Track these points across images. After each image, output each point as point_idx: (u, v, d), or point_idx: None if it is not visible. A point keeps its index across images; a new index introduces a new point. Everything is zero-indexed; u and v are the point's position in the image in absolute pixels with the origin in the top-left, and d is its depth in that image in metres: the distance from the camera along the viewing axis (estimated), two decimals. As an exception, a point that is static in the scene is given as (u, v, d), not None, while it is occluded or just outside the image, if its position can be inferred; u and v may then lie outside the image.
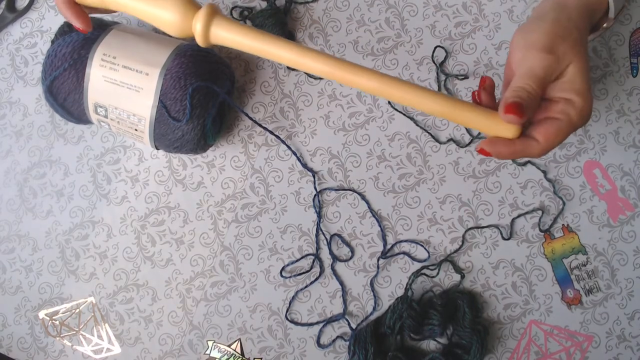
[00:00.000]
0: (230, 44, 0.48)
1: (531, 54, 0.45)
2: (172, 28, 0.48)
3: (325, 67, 0.46)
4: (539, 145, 0.45)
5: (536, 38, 0.45)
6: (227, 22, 0.47)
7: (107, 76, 0.54)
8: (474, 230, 0.62)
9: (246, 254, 0.63)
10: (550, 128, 0.44)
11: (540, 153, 0.45)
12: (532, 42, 0.45)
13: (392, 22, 0.63)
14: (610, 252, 0.62)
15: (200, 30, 0.47)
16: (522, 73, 0.44)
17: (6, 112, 0.65)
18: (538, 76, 0.44)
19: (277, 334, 0.63)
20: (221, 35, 0.47)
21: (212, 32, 0.47)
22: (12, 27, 0.66)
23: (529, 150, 0.45)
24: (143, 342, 0.63)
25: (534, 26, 0.46)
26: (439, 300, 0.59)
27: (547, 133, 0.44)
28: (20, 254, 0.64)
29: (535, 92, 0.44)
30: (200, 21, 0.47)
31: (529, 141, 0.45)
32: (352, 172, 0.63)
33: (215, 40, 0.48)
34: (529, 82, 0.44)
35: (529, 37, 0.46)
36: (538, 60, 0.44)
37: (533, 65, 0.44)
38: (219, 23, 0.47)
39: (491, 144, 0.45)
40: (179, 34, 0.48)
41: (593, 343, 0.62)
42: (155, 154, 0.64)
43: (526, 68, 0.44)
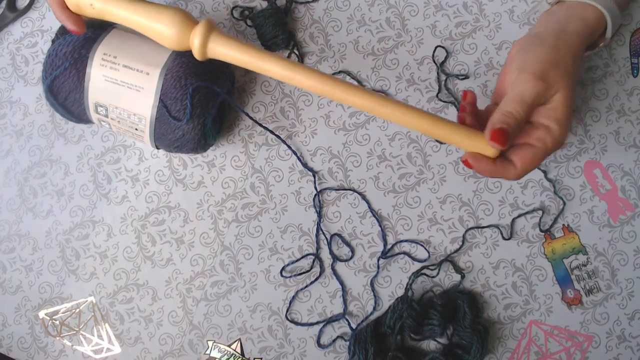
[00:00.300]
0: (226, 59, 0.49)
1: (524, 77, 0.46)
2: (170, 42, 0.49)
3: (317, 84, 0.48)
4: (516, 171, 0.47)
5: (532, 63, 0.47)
6: (223, 38, 0.49)
7: (107, 76, 0.54)
8: (474, 230, 0.62)
9: (246, 254, 0.63)
10: (527, 154, 0.47)
11: (515, 177, 0.48)
12: (528, 66, 0.47)
13: (392, 21, 0.63)
14: (610, 252, 0.62)
15: (197, 46, 0.49)
16: (512, 96, 0.46)
17: (7, 111, 0.65)
18: (526, 102, 0.46)
19: (277, 334, 0.63)
20: (218, 50, 0.49)
21: (209, 48, 0.49)
22: (13, 27, 0.66)
23: (506, 173, 0.47)
24: (143, 342, 0.63)
25: (533, 48, 0.48)
26: (439, 300, 0.59)
27: (524, 159, 0.47)
28: (20, 253, 0.64)
29: (522, 118, 0.46)
30: (198, 37, 0.48)
31: (507, 164, 0.47)
32: (352, 171, 0.63)
33: (212, 55, 0.50)
34: (517, 108, 0.45)
35: (526, 59, 0.47)
36: (529, 86, 0.46)
37: (524, 91, 0.46)
38: (216, 39, 0.49)
39: (475, 160, 0.47)
40: (176, 47, 0.50)
41: (593, 343, 0.62)
42: (156, 153, 0.64)
43: (517, 92, 0.46)
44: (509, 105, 0.46)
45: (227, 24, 0.64)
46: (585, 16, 0.50)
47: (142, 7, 0.49)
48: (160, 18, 0.49)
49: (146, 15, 0.49)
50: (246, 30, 0.64)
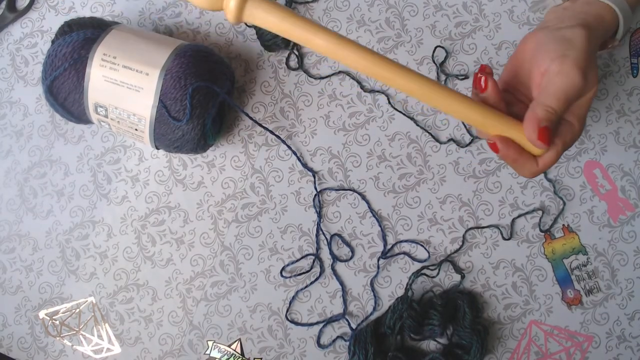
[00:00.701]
0: (263, 24, 0.44)
1: (568, 71, 0.43)
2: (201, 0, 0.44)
3: (364, 62, 0.44)
4: (537, 168, 0.46)
5: (576, 56, 0.44)
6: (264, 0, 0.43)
7: (107, 76, 0.54)
8: (474, 230, 0.62)
9: (246, 254, 0.63)
10: (550, 155, 0.45)
11: (534, 174, 0.47)
12: (573, 58, 0.44)
13: (392, 22, 0.63)
14: (610, 253, 0.62)
15: (233, 7, 0.43)
16: (555, 91, 0.44)
17: (6, 111, 0.65)
18: (569, 100, 0.44)
19: (277, 334, 0.63)
20: (256, 14, 0.43)
21: (246, 10, 0.43)
22: (13, 27, 0.66)
23: (527, 166, 0.46)
24: (143, 342, 0.63)
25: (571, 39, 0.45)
26: (439, 300, 0.59)
27: (545, 157, 0.46)
28: (20, 253, 0.64)
29: (561, 116, 0.44)
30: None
31: (530, 158, 0.46)
32: (352, 172, 0.63)
33: (249, 18, 0.44)
34: (560, 106, 0.43)
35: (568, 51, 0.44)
36: (574, 82, 0.43)
37: (568, 87, 0.43)
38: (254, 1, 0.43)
39: (505, 144, 0.45)
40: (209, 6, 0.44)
41: (593, 343, 0.62)
42: (156, 153, 0.64)
43: (561, 87, 0.43)
44: (552, 100, 0.43)
45: (226, 24, 0.64)
46: (602, 15, 0.48)
47: None
48: None
49: None
50: (246, 31, 0.64)
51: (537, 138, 0.43)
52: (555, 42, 0.45)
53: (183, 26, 0.64)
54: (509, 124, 0.45)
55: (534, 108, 0.44)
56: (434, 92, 0.44)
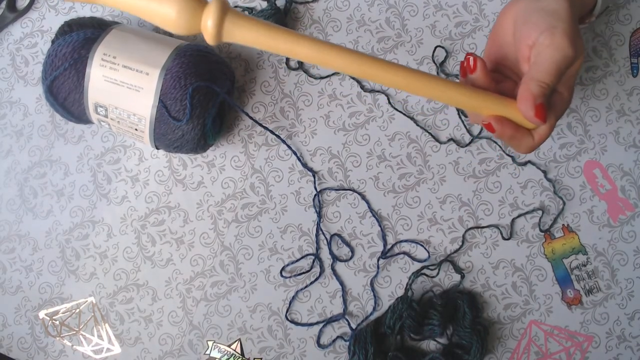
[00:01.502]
0: (243, 42, 0.44)
1: (559, 42, 0.43)
2: (178, 26, 0.43)
3: (350, 63, 0.43)
4: (533, 142, 0.46)
5: (564, 27, 0.43)
6: (240, 17, 0.43)
7: (107, 76, 0.54)
8: (474, 230, 0.62)
9: (246, 254, 0.63)
10: (544, 127, 0.45)
11: (532, 148, 0.46)
12: (562, 29, 0.43)
13: (392, 22, 0.63)
14: (610, 252, 0.62)
15: (212, 28, 0.42)
16: (547, 65, 0.43)
17: (6, 111, 0.65)
18: (561, 72, 0.43)
19: (277, 334, 0.63)
20: (235, 32, 0.43)
21: (225, 29, 0.43)
22: (13, 27, 0.66)
23: (524, 142, 0.46)
24: (143, 342, 0.63)
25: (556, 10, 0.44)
26: (439, 300, 0.59)
27: (541, 130, 0.45)
28: (20, 253, 0.64)
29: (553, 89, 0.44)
30: (212, 17, 0.42)
31: (526, 133, 0.45)
32: (352, 172, 0.63)
33: (228, 37, 0.44)
34: (552, 79, 0.43)
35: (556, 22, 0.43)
36: (565, 54, 0.43)
37: (560, 59, 0.43)
38: (232, 19, 0.43)
39: (500, 123, 0.45)
40: (185, 31, 0.43)
41: (593, 343, 0.62)
42: (156, 153, 0.64)
43: (553, 60, 0.43)
44: (544, 75, 0.43)
45: (226, 24, 0.64)
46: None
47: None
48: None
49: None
50: (246, 31, 0.64)
51: (534, 115, 0.43)
52: (540, 13, 0.44)
53: (183, 26, 0.64)
54: (501, 103, 0.45)
55: (528, 84, 0.43)
56: (423, 82, 0.44)
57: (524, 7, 0.46)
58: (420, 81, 0.44)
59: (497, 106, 0.45)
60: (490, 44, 0.50)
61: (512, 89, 0.47)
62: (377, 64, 0.44)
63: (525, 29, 0.45)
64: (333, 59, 0.43)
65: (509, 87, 0.47)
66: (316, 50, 0.43)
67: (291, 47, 0.43)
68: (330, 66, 0.44)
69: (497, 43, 0.49)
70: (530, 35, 0.44)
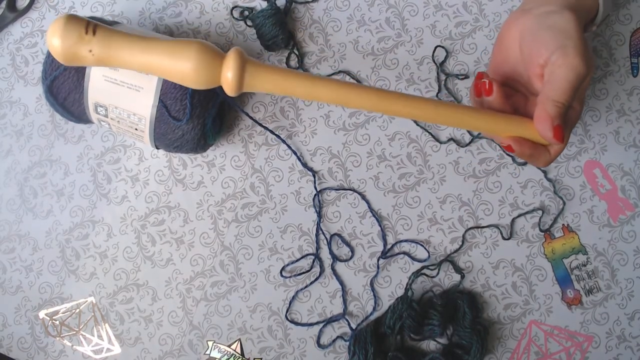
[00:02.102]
0: (263, 90, 0.44)
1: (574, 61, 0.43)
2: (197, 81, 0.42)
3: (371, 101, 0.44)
4: (549, 157, 0.47)
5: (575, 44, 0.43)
6: (259, 67, 0.43)
7: (107, 75, 0.54)
8: (474, 230, 0.62)
9: (246, 254, 0.63)
10: None
11: (549, 163, 0.47)
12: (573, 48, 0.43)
13: (392, 21, 0.63)
14: (610, 252, 0.62)
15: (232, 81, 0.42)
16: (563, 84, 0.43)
17: (6, 111, 0.65)
18: (576, 90, 0.43)
19: (277, 334, 0.63)
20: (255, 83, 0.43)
21: (245, 81, 0.43)
22: (13, 27, 0.66)
23: (541, 157, 0.47)
24: (143, 342, 0.63)
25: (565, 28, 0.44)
26: (439, 300, 0.59)
27: (556, 146, 0.46)
28: (20, 253, 0.64)
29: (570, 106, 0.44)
30: (232, 70, 0.42)
31: (543, 149, 0.46)
32: (352, 171, 0.63)
33: (248, 88, 0.44)
34: (568, 99, 0.43)
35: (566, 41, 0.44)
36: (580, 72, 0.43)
37: (574, 78, 0.43)
38: (251, 70, 0.43)
39: (520, 145, 0.45)
40: (205, 86, 0.43)
41: (593, 343, 0.62)
42: (156, 153, 0.64)
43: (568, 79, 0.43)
44: (560, 95, 0.43)
45: (226, 24, 0.64)
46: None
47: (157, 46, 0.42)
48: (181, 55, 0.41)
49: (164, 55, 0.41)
50: (246, 31, 0.64)
51: (553, 137, 0.43)
52: (549, 32, 0.44)
53: (183, 26, 0.64)
54: (518, 124, 0.46)
55: (545, 104, 0.43)
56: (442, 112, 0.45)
57: (531, 24, 0.46)
58: (440, 111, 0.45)
59: (515, 127, 0.45)
60: (496, 57, 0.50)
61: (523, 103, 0.47)
62: (395, 98, 0.45)
63: (535, 47, 0.45)
64: (353, 99, 0.44)
65: (520, 102, 0.48)
66: (335, 91, 0.44)
67: (310, 91, 0.44)
68: (352, 106, 0.44)
69: (503, 57, 0.49)
70: (542, 53, 0.44)
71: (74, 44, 0.41)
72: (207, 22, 0.64)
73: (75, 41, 0.41)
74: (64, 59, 0.42)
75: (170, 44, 0.42)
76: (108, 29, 0.42)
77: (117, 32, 0.43)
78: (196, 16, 0.64)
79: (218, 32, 0.64)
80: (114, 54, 0.42)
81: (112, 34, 0.42)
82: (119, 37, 0.42)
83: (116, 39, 0.42)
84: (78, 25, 0.41)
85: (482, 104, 0.47)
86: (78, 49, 0.42)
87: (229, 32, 0.64)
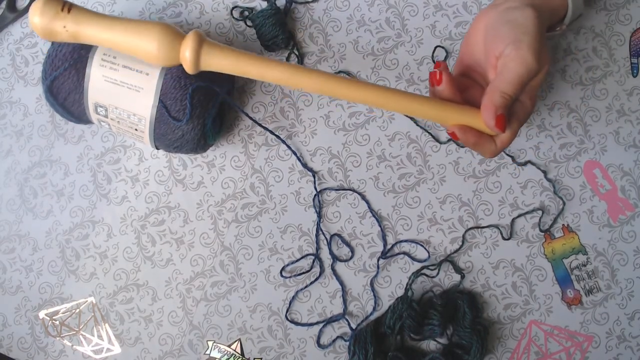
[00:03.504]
0: (219, 69, 0.48)
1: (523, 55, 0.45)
2: (158, 58, 0.47)
3: (318, 84, 0.47)
4: (495, 148, 0.48)
5: (529, 40, 0.45)
6: (215, 47, 0.47)
7: (107, 76, 0.54)
8: (474, 230, 0.62)
9: (246, 254, 0.63)
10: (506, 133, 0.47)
11: (495, 153, 0.49)
12: (527, 43, 0.45)
13: (392, 22, 0.63)
14: (610, 252, 0.62)
15: (190, 59, 0.46)
16: (510, 77, 0.45)
17: (6, 111, 0.65)
18: (523, 84, 0.46)
19: (277, 334, 0.63)
20: (211, 61, 0.47)
21: (202, 60, 0.47)
22: (13, 27, 0.66)
23: (487, 147, 0.48)
24: (143, 342, 0.63)
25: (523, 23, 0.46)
26: (439, 300, 0.59)
27: (502, 137, 0.48)
28: (20, 253, 0.64)
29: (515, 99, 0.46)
30: (190, 49, 0.46)
31: (489, 139, 0.48)
32: (352, 172, 0.63)
33: (205, 66, 0.48)
34: (515, 91, 0.45)
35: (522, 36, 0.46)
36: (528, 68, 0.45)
37: (523, 72, 0.45)
38: (208, 50, 0.47)
39: (463, 132, 0.47)
40: (166, 63, 0.47)
41: (593, 343, 0.62)
42: (156, 153, 0.64)
43: (516, 73, 0.45)
44: (507, 87, 0.45)
45: (226, 24, 0.64)
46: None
47: (123, 25, 0.46)
48: (145, 34, 0.46)
49: (129, 33, 0.46)
50: (246, 31, 0.64)
51: (495, 125, 0.45)
52: (508, 26, 0.46)
53: (183, 26, 0.64)
54: (464, 113, 0.47)
55: (491, 94, 0.45)
56: (390, 98, 0.47)
57: (495, 18, 0.48)
58: (388, 97, 0.47)
59: (461, 116, 0.47)
60: (463, 49, 0.52)
61: (479, 95, 0.49)
62: (344, 83, 0.47)
63: (494, 40, 0.47)
64: (301, 81, 0.47)
65: (476, 94, 0.49)
66: (286, 73, 0.47)
67: (263, 71, 0.47)
68: (300, 87, 0.47)
69: (469, 49, 0.51)
70: (498, 46, 0.46)
71: (50, 21, 0.46)
72: (207, 22, 0.64)
73: (51, 18, 0.46)
74: (42, 34, 0.47)
75: (136, 25, 0.47)
76: (82, 9, 0.47)
77: (90, 11, 0.47)
78: (196, 16, 0.64)
79: (218, 32, 0.64)
80: (84, 30, 0.47)
81: (84, 13, 0.47)
82: (90, 15, 0.47)
83: (87, 17, 0.47)
84: (55, 3, 0.46)
85: (434, 93, 0.49)
86: (54, 25, 0.47)
87: (229, 32, 0.64)
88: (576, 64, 0.62)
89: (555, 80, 0.62)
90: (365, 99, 0.47)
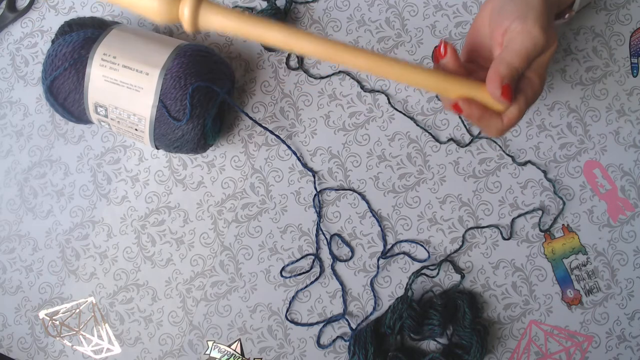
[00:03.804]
0: (219, 28, 0.47)
1: (530, 29, 0.45)
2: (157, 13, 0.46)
3: (319, 48, 0.45)
4: (502, 125, 0.47)
5: (536, 15, 0.45)
6: (215, 6, 0.46)
7: (107, 76, 0.54)
8: (474, 230, 0.62)
9: (246, 254, 0.63)
10: (513, 110, 0.46)
11: (501, 132, 0.47)
12: (533, 17, 0.45)
13: (392, 22, 0.63)
14: (610, 252, 0.62)
15: (188, 15, 0.45)
16: (518, 49, 0.45)
17: (7, 111, 0.65)
18: (531, 57, 0.45)
19: (277, 334, 0.63)
20: (211, 20, 0.46)
21: (200, 17, 0.46)
22: (13, 27, 0.66)
23: (493, 123, 0.47)
24: (143, 342, 0.63)
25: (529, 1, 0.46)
26: (439, 300, 0.59)
27: (510, 115, 0.46)
28: (20, 253, 0.64)
29: (522, 73, 0.45)
30: (188, 5, 0.45)
31: (495, 115, 0.46)
32: (352, 172, 0.63)
33: (204, 24, 0.47)
34: (522, 64, 0.45)
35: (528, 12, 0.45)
36: (536, 41, 0.45)
37: (530, 45, 0.45)
38: (207, 7, 0.46)
39: (468, 104, 0.46)
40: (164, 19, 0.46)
41: (593, 343, 0.62)
42: (156, 153, 0.64)
43: (523, 45, 0.45)
44: (514, 58, 0.44)
45: (226, 24, 0.64)
46: None
47: None
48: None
49: None
50: (246, 31, 0.64)
51: (501, 95, 0.44)
52: (514, 2, 0.46)
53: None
54: (469, 85, 0.46)
55: (497, 65, 0.45)
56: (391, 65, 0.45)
57: (500, 2, 0.48)
58: (388, 64, 0.45)
59: (465, 88, 0.46)
60: (469, 36, 0.52)
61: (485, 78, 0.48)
62: (344, 48, 0.45)
63: (499, 18, 0.47)
64: (301, 44, 0.45)
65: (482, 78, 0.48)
66: (286, 35, 0.45)
67: (262, 32, 0.45)
68: (299, 51, 0.46)
69: (474, 35, 0.51)
70: (503, 22, 0.46)
71: None
72: (207, 22, 0.64)
73: None
74: None
75: None
76: None
77: None
78: (196, 16, 0.64)
79: (218, 32, 0.64)
80: None
81: None
82: None
83: None
84: None
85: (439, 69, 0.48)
86: None
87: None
88: (576, 64, 0.62)
89: (555, 80, 0.63)
90: (367, 65, 0.46)
